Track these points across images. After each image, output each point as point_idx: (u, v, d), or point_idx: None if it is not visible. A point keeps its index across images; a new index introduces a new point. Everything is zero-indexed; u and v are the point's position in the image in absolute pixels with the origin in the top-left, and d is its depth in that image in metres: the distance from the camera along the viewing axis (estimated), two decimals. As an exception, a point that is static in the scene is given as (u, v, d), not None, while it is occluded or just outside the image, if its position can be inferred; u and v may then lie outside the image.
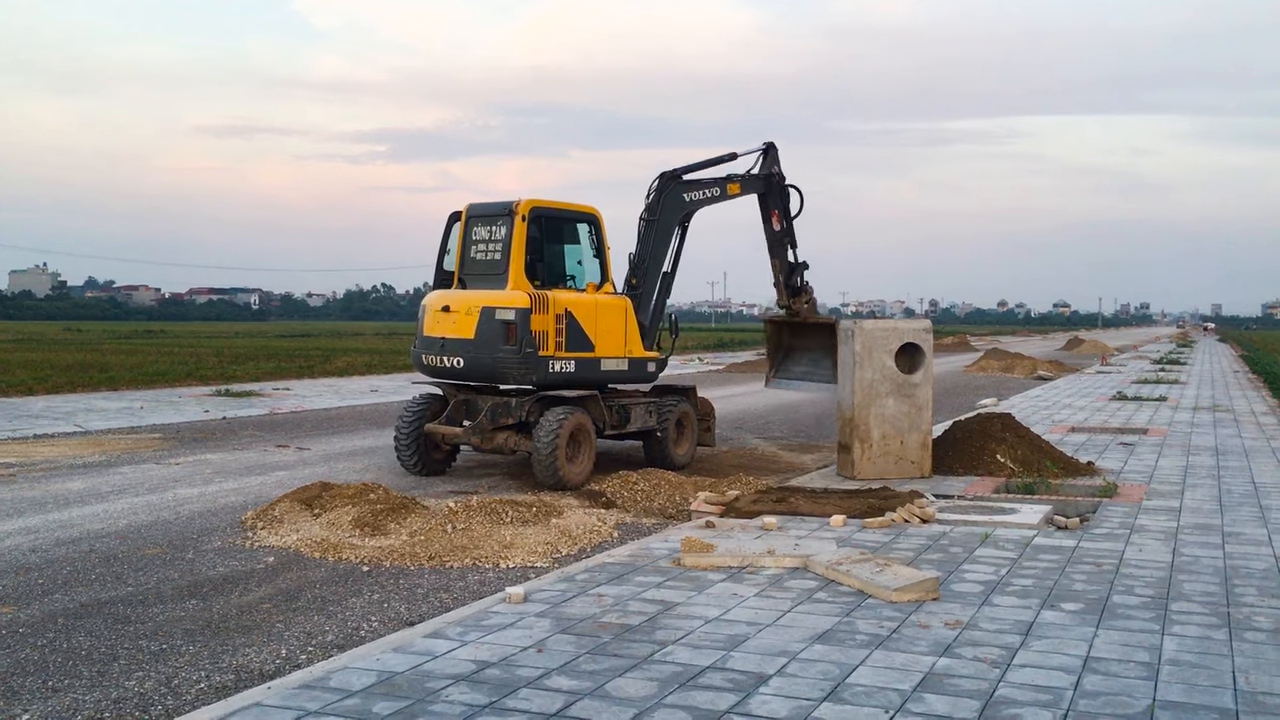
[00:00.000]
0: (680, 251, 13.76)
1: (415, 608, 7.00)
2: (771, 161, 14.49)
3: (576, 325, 12.02)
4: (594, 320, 12.23)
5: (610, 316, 12.43)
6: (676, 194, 13.38)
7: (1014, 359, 38.76)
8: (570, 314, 11.95)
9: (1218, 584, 7.03)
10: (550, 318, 11.75)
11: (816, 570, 7.26)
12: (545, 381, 11.82)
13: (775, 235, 14.55)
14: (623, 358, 12.55)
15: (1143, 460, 13.19)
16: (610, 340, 12.39)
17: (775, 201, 14.52)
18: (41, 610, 6.90)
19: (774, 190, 14.52)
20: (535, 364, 11.61)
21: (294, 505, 9.60)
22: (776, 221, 14.53)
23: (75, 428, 16.97)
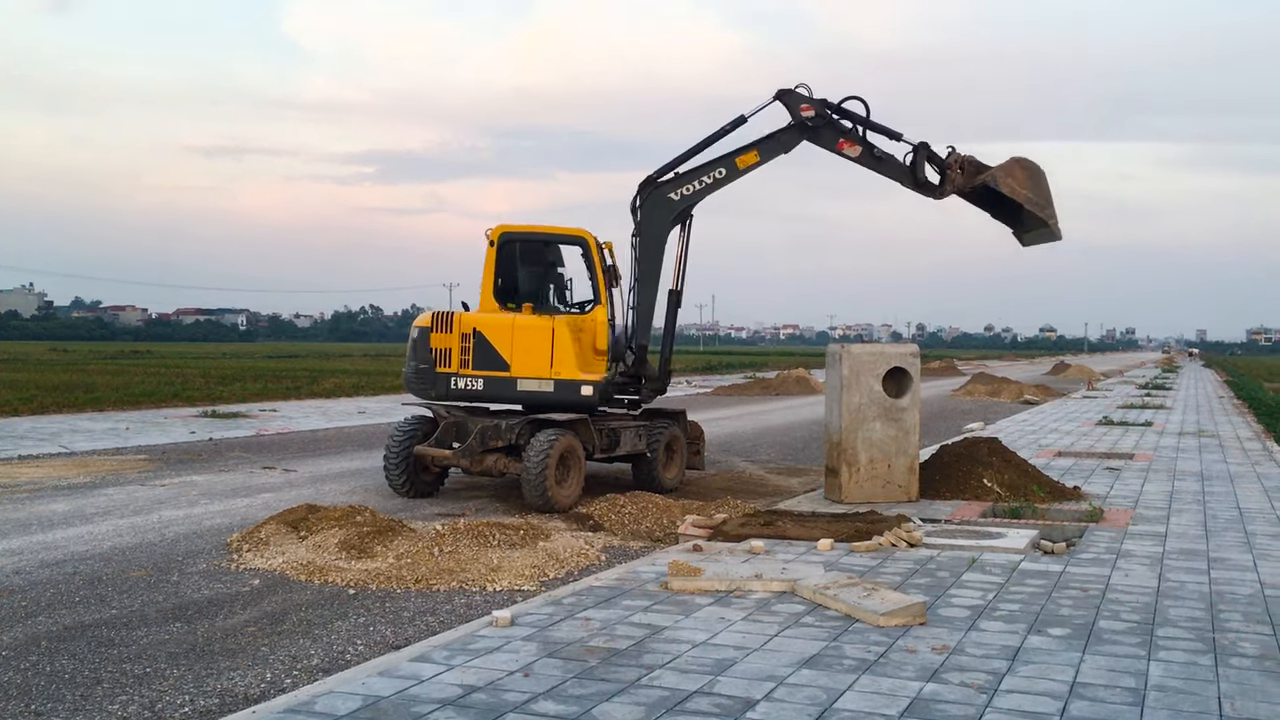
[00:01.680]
0: (684, 260, 13.14)
1: (401, 631, 6.98)
2: (797, 103, 12.52)
3: (487, 344, 12.30)
4: (509, 340, 12.30)
5: (531, 337, 12.25)
6: (659, 196, 12.63)
7: (1001, 383, 38.88)
8: (479, 333, 12.30)
9: (1203, 609, 7.05)
10: (455, 336, 12.32)
11: (804, 594, 7.26)
12: (445, 396, 12.43)
13: (862, 161, 12.54)
14: (546, 379, 12.22)
15: (1128, 485, 13.23)
16: (530, 361, 12.24)
17: (831, 134, 12.55)
18: (24, 633, 6.85)
19: (823, 126, 12.53)
20: (433, 379, 12.34)
21: (280, 527, 9.56)
22: (850, 148, 12.52)
23: (60, 449, 16.88)
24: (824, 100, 12.52)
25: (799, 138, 12.59)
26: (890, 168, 12.54)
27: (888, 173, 12.54)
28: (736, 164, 12.55)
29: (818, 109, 12.51)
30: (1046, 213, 12.27)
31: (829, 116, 12.53)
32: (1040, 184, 12.34)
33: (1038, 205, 12.25)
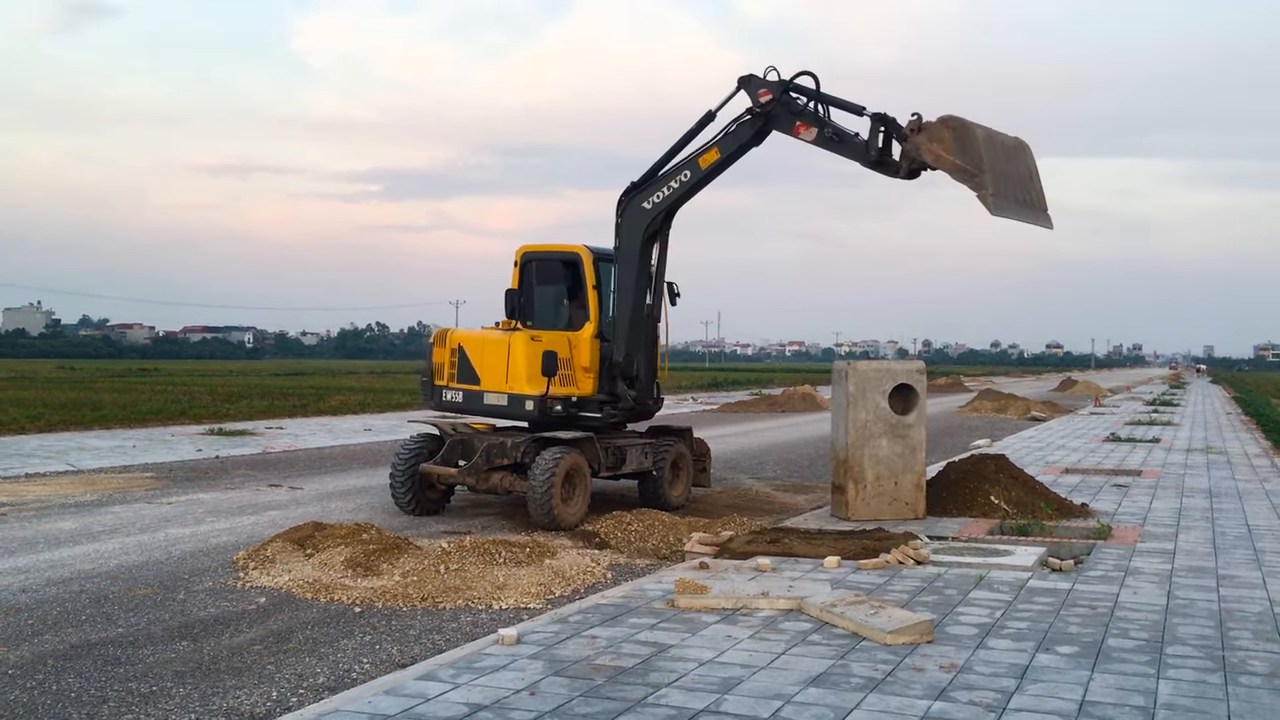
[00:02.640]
0: (658, 272, 12.66)
1: (407, 649, 6.96)
2: (756, 89, 11.81)
3: (466, 360, 12.71)
4: (480, 355, 12.61)
5: (493, 352, 12.49)
6: (634, 207, 12.36)
7: (1007, 400, 38.82)
8: (462, 349, 12.76)
9: (1212, 627, 7.02)
10: (446, 351, 12.89)
11: (811, 612, 7.24)
12: (439, 407, 13.07)
13: (819, 143, 11.66)
14: (502, 393, 12.40)
15: (1136, 502, 13.19)
16: (493, 375, 12.51)
17: (788, 117, 11.74)
18: (31, 651, 6.85)
19: (780, 110, 11.74)
20: (430, 391, 13.04)
21: (286, 545, 9.56)
22: (806, 131, 11.65)
23: (67, 466, 16.91)
24: (783, 81, 11.75)
25: (755, 126, 11.86)
26: (848, 147, 11.52)
27: (845, 153, 11.55)
28: (699, 164, 12.06)
29: (775, 92, 11.71)
30: (976, 181, 10.68)
31: (786, 98, 11.73)
32: (969, 145, 10.79)
33: (966, 173, 10.76)
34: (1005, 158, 11.10)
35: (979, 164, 10.69)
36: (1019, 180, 11.19)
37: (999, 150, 11.03)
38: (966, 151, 10.78)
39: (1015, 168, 11.19)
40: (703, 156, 12.02)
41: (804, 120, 11.66)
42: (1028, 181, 11.33)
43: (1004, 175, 10.90)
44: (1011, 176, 11.07)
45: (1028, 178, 11.36)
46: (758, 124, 11.82)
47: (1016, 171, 11.19)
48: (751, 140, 11.93)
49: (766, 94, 11.69)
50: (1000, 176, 10.83)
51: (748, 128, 11.84)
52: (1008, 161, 11.08)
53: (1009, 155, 11.19)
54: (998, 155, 10.94)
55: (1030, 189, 11.32)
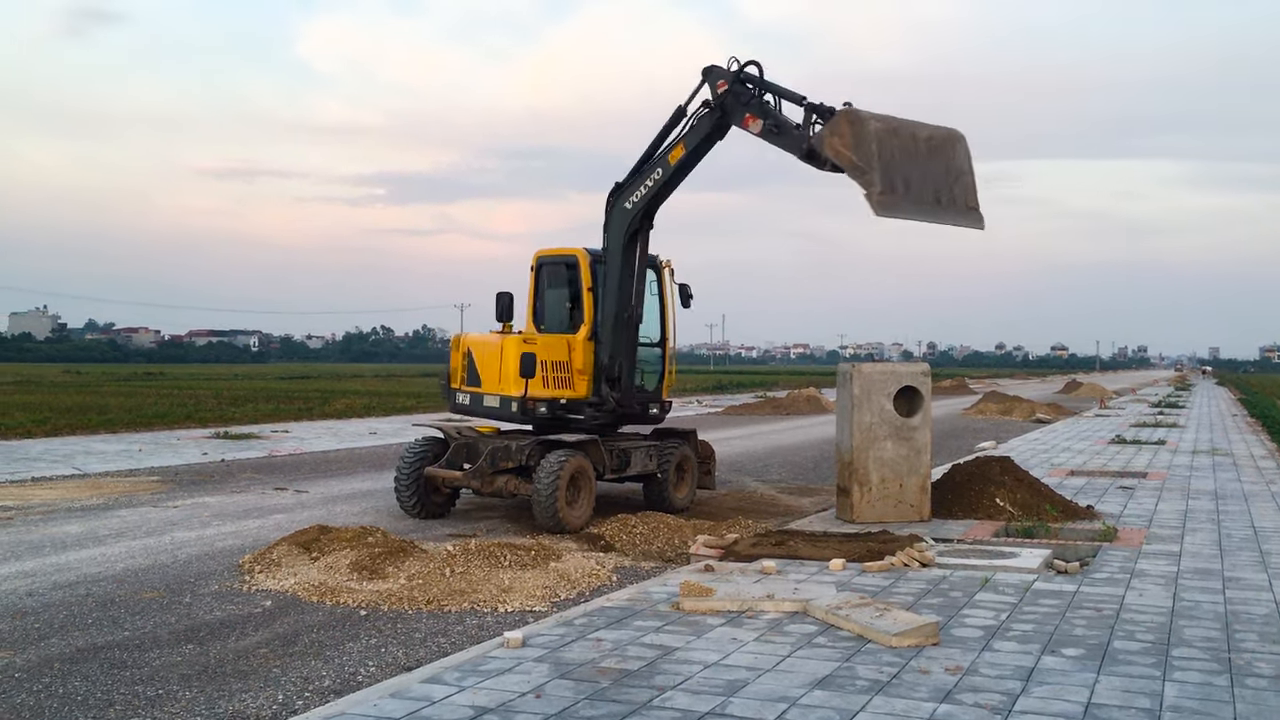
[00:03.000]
0: (638, 274, 12.50)
1: (413, 652, 6.97)
2: (716, 79, 11.61)
3: (473, 363, 12.95)
4: (482, 359, 12.83)
5: (490, 355, 12.73)
6: (618, 207, 12.33)
7: (1012, 402, 38.77)
8: (470, 353, 13.01)
9: (1219, 629, 7.01)
10: (459, 355, 13.19)
11: (816, 614, 7.24)
12: (454, 410, 13.35)
13: (764, 135, 11.32)
14: (495, 395, 12.63)
15: (1142, 504, 13.17)
16: (490, 378, 12.74)
17: (740, 109, 11.46)
18: (38, 655, 6.87)
19: (732, 101, 11.48)
20: (447, 394, 13.36)
21: (292, 549, 9.57)
22: (753, 123, 11.33)
23: (73, 470, 16.94)
24: (734, 71, 11.47)
25: (713, 119, 11.62)
26: (786, 139, 11.14)
27: (784, 145, 11.16)
28: (669, 161, 11.93)
29: (730, 82, 11.44)
30: (865, 178, 10.14)
31: (738, 88, 11.44)
32: (862, 140, 10.21)
33: (858, 169, 10.22)
34: (913, 154, 10.43)
35: (869, 160, 10.15)
36: (935, 177, 10.52)
37: (904, 145, 10.38)
38: (860, 147, 10.22)
39: (933, 164, 10.52)
40: (671, 153, 11.90)
41: (751, 111, 11.38)
42: (950, 179, 10.58)
43: (906, 173, 10.30)
44: (923, 174, 10.42)
45: (951, 174, 10.62)
46: (715, 116, 11.63)
47: (933, 168, 10.51)
48: (713, 133, 11.74)
49: (723, 85, 11.51)
50: (897, 174, 10.24)
51: (706, 121, 11.68)
52: (919, 158, 10.44)
53: (926, 151, 10.50)
54: (899, 151, 10.31)
55: (955, 186, 10.62)
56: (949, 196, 10.53)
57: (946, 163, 10.53)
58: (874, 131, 10.17)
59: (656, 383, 13.55)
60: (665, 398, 13.63)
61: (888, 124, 10.32)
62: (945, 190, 10.50)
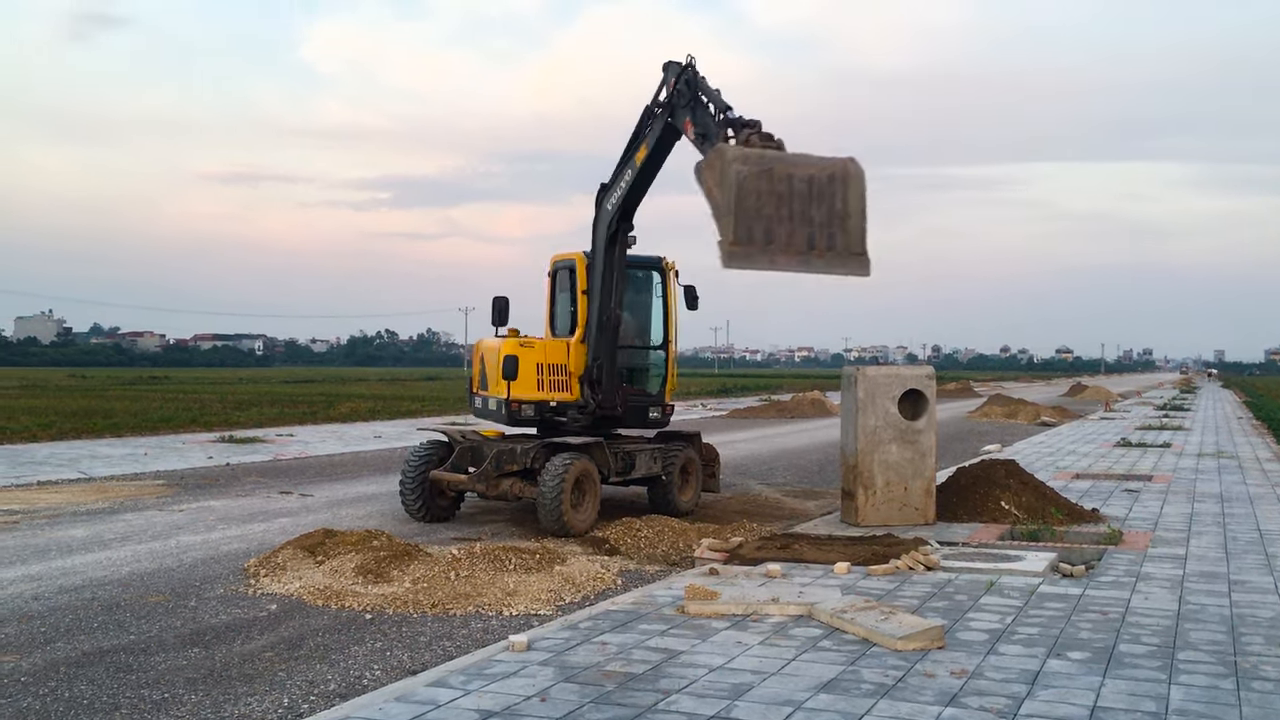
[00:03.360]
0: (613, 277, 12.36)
1: (418, 656, 6.98)
2: (671, 75, 11.31)
3: (484, 367, 13.24)
4: (489, 363, 13.05)
5: (492, 359, 12.96)
6: (600, 208, 12.40)
7: (1017, 405, 38.73)
8: (484, 357, 13.30)
9: (1224, 632, 7.00)
10: (478, 359, 13.53)
11: (821, 618, 7.24)
12: (474, 413, 13.68)
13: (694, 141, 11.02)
14: (491, 397, 12.93)
15: (1147, 507, 13.14)
16: (491, 380, 12.98)
17: (681, 111, 11.17)
18: (44, 659, 6.88)
19: (677, 103, 11.18)
20: (470, 397, 13.70)
21: (297, 552, 9.58)
22: (690, 129, 11.07)
23: (79, 474, 16.98)
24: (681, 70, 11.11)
25: (663, 120, 11.38)
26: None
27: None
28: (636, 161, 11.83)
29: (676, 82, 11.12)
30: (721, 224, 9.71)
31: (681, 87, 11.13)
32: (725, 181, 9.72)
33: (716, 211, 9.79)
34: (785, 197, 9.80)
35: (727, 205, 9.72)
36: (813, 221, 9.85)
37: (775, 189, 9.77)
38: (722, 188, 9.70)
39: (813, 207, 9.84)
40: (637, 154, 11.81)
41: (690, 117, 11.07)
42: (833, 223, 9.94)
43: (772, 220, 9.73)
44: (797, 219, 9.79)
45: (835, 218, 9.96)
46: (664, 118, 11.42)
47: (812, 212, 9.85)
48: (665, 134, 11.51)
49: (672, 84, 11.27)
50: (758, 222, 9.69)
51: (659, 122, 11.51)
52: (795, 201, 9.81)
53: (806, 193, 9.84)
54: (768, 195, 9.72)
55: (837, 231, 9.98)
56: (828, 242, 9.93)
57: (830, 205, 9.89)
58: (735, 175, 9.68)
59: (659, 386, 13.52)
60: (667, 401, 13.56)
61: (760, 165, 9.78)
62: (824, 235, 9.90)
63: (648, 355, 13.54)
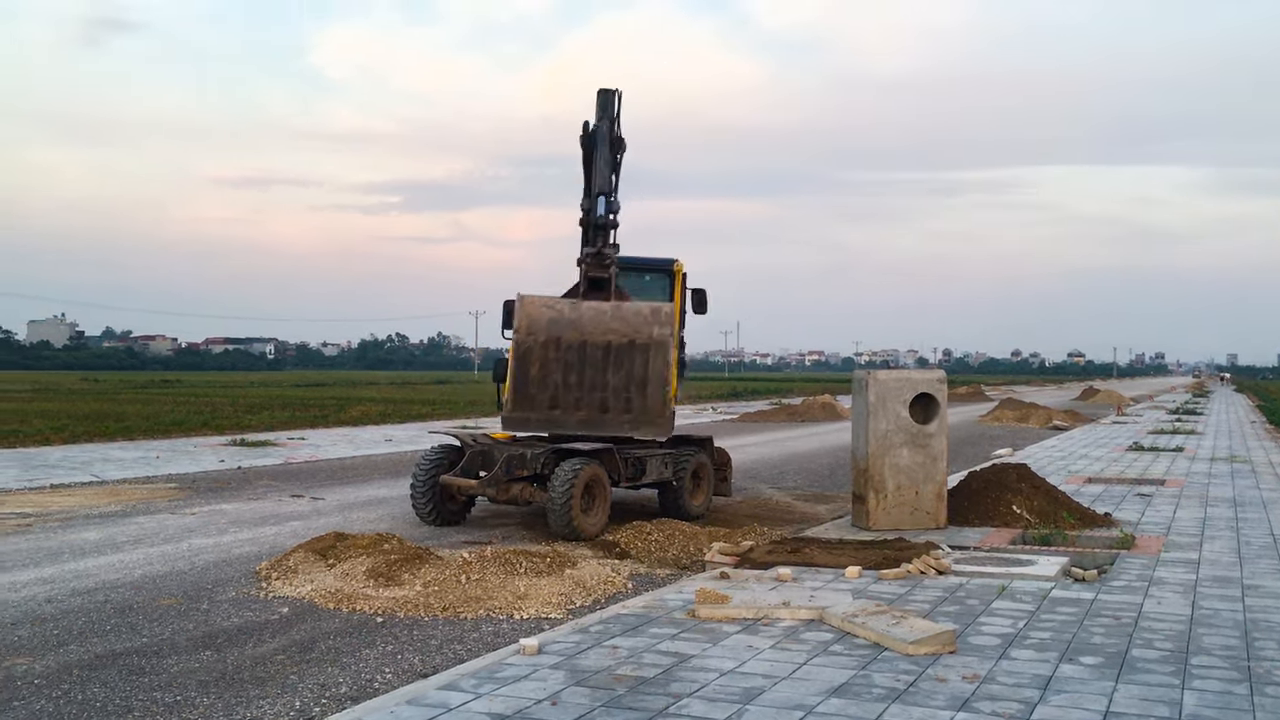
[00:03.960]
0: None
1: (429, 659, 6.99)
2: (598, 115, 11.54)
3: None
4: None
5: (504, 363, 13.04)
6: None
7: (1029, 409, 38.62)
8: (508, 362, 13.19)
9: (1238, 637, 6.97)
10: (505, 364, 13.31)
11: (832, 622, 7.23)
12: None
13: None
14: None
15: (1160, 512, 13.10)
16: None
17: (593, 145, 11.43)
18: (57, 661, 6.91)
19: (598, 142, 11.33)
20: (499, 402, 12.85)
21: (308, 556, 9.60)
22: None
23: (92, 477, 17.04)
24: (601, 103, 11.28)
25: (585, 148, 11.48)
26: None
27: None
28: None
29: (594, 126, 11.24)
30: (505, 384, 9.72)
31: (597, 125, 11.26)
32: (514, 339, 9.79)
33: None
34: (575, 366, 9.50)
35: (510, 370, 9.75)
36: (612, 388, 9.47)
37: (566, 358, 9.45)
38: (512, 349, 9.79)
39: (612, 375, 9.47)
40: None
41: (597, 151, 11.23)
42: (634, 387, 9.43)
43: (564, 387, 9.43)
44: (590, 386, 9.41)
45: (634, 383, 9.42)
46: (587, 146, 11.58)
47: (608, 379, 9.47)
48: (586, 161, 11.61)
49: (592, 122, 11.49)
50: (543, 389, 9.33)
51: (585, 145, 11.70)
52: (588, 370, 9.53)
53: (600, 361, 9.39)
54: (558, 364, 9.42)
55: (639, 395, 9.47)
56: (624, 406, 9.57)
57: (628, 371, 9.51)
58: (515, 346, 9.51)
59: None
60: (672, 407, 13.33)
61: (549, 333, 9.46)
62: (620, 399, 9.53)
63: None
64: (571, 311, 9.38)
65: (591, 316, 9.23)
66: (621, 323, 9.21)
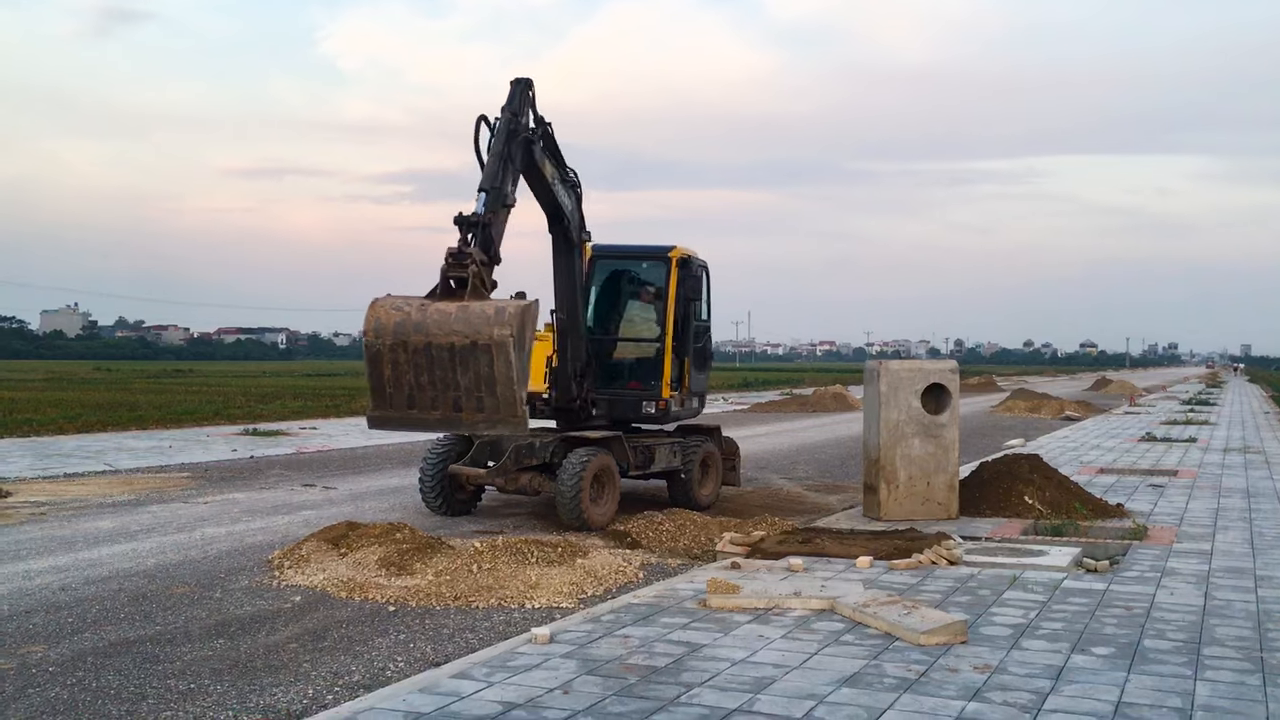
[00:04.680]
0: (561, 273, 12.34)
1: (441, 648, 7.01)
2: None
3: None
4: None
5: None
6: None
7: (1041, 399, 38.51)
8: None
9: (1250, 628, 6.94)
10: None
11: (843, 612, 7.22)
12: None
13: None
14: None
15: (1173, 502, 13.05)
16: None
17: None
18: (71, 649, 6.95)
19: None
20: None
21: (321, 545, 9.64)
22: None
23: (105, 467, 17.12)
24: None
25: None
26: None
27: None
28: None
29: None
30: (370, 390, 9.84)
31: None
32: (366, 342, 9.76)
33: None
34: (426, 367, 9.35)
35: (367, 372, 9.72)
36: (463, 388, 9.33)
37: (416, 361, 9.40)
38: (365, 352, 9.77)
39: (460, 375, 9.32)
40: None
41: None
42: (484, 387, 9.27)
43: (418, 387, 9.40)
44: (443, 385, 9.34)
45: (484, 383, 9.24)
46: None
47: (458, 379, 9.34)
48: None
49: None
50: (399, 390, 9.43)
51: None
52: (437, 370, 9.35)
53: (447, 362, 9.26)
54: (409, 367, 9.41)
55: (489, 394, 9.31)
56: (477, 405, 9.50)
57: (475, 372, 9.39)
58: (367, 348, 9.57)
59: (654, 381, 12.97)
60: (664, 396, 12.87)
61: (396, 336, 9.42)
62: (472, 399, 9.47)
63: (641, 349, 13.22)
64: (418, 314, 9.39)
65: (436, 319, 9.28)
66: (464, 324, 9.21)
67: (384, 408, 9.72)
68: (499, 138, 10.62)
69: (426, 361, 9.46)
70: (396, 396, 9.64)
